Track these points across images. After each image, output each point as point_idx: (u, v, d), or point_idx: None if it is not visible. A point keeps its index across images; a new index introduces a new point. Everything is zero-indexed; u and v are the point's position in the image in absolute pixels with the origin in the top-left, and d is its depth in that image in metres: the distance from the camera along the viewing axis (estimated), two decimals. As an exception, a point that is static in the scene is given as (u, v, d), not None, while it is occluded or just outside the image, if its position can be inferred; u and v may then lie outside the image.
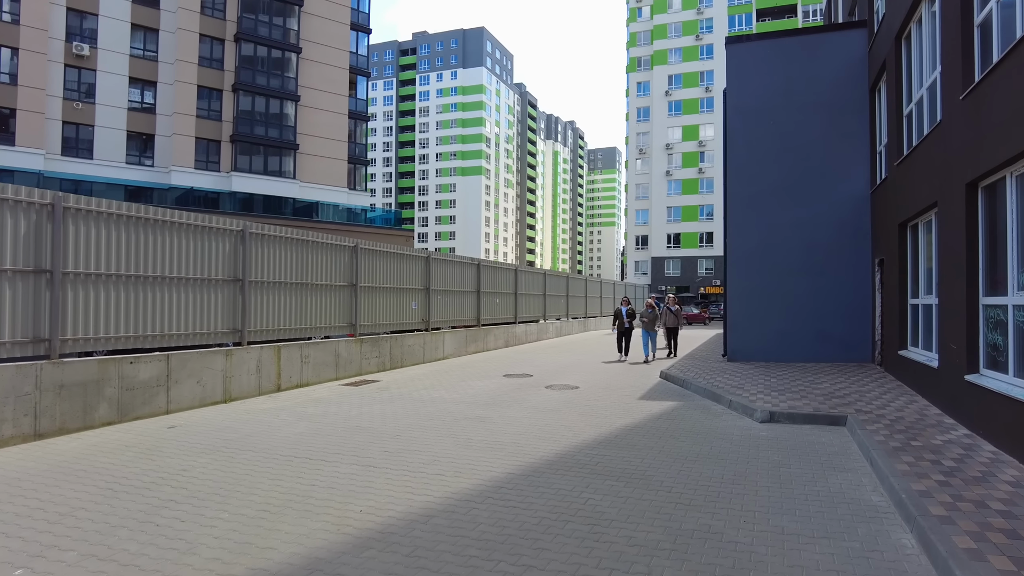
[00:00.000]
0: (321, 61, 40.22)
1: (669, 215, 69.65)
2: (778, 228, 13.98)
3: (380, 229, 40.02)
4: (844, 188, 13.59)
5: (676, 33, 70.77)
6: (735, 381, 11.00)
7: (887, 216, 11.58)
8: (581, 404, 9.66)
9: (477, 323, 18.56)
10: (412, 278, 15.35)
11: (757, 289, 14.07)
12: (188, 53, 35.41)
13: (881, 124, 12.72)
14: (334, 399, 10.14)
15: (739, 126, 14.39)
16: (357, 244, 13.33)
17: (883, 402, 8.74)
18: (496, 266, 20.17)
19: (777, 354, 13.87)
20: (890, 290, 11.37)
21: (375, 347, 13.62)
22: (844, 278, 13.52)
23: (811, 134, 13.88)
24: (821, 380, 10.96)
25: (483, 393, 10.71)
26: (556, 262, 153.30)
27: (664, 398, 10.21)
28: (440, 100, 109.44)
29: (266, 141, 37.88)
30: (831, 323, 13.56)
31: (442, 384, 11.80)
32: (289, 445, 7.03)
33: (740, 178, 14.34)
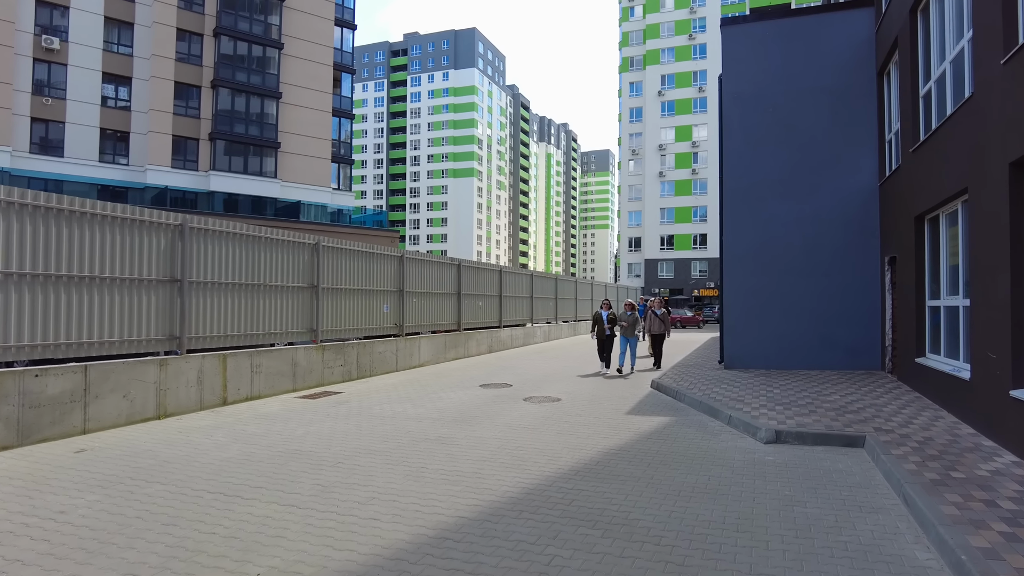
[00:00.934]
0: (304, 57, 39.04)
1: (662, 217, 68.71)
2: (778, 224, 12.91)
3: (365, 230, 38.81)
4: (850, 180, 12.54)
5: (669, 32, 69.93)
6: (734, 392, 9.89)
7: (900, 209, 10.52)
8: (561, 420, 8.54)
9: (458, 327, 17.42)
10: (384, 279, 14.20)
11: (755, 290, 12.99)
12: (165, 48, 34.16)
13: (891, 110, 11.68)
14: (283, 415, 8.98)
15: (735, 114, 13.33)
16: (319, 241, 12.18)
17: (904, 418, 7.65)
18: (479, 267, 19.04)
19: (778, 361, 12.79)
20: (904, 291, 10.30)
21: (340, 355, 12.45)
22: (850, 278, 12.46)
23: (813, 122, 12.82)
24: (829, 391, 9.87)
25: (453, 407, 9.57)
26: (550, 265, 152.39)
27: (655, 412, 9.09)
28: (432, 101, 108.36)
29: (246, 139, 36.65)
30: (836, 327, 12.49)
31: (410, 396, 10.65)
32: (208, 475, 5.88)
33: (736, 170, 13.26)
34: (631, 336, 13.70)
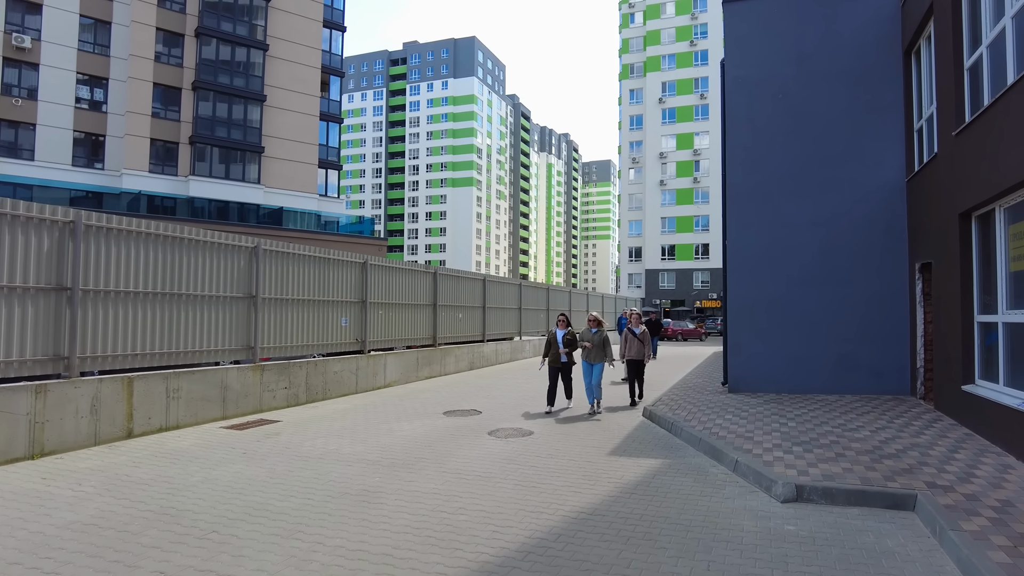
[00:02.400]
0: (290, 59, 37.67)
1: (663, 226, 67.14)
2: (789, 226, 11.26)
3: (352, 238, 37.26)
4: (872, 176, 10.90)
5: (670, 39, 68.67)
6: (740, 426, 8.20)
7: (936, 207, 8.87)
8: (526, 464, 6.86)
9: (433, 342, 15.75)
10: (343, 289, 12.56)
11: (764, 302, 11.32)
12: (143, 48, 32.79)
13: (923, 93, 10.06)
14: (192, 452, 7.34)
15: (740, 102, 11.72)
16: (258, 245, 10.56)
17: (962, 468, 5.95)
18: (459, 275, 17.39)
19: (790, 384, 11.10)
20: (944, 304, 8.63)
21: (283, 376, 10.80)
22: (874, 288, 10.79)
23: (829, 110, 11.21)
24: (855, 424, 8.17)
25: (400, 444, 7.90)
26: (550, 275, 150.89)
27: (645, 452, 7.40)
28: (431, 110, 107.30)
29: (228, 144, 35.19)
30: (858, 345, 10.81)
31: (357, 427, 8.98)
32: (18, 554, 4.23)
33: (742, 165, 11.63)
34: (598, 361, 10.11)
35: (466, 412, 10.25)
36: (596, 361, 10.14)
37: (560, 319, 10.69)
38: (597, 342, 10.19)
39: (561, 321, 10.64)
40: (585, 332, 10.38)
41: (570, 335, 10.32)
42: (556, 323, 10.76)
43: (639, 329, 10.90)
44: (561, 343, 10.29)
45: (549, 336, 10.53)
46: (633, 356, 10.84)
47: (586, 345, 10.18)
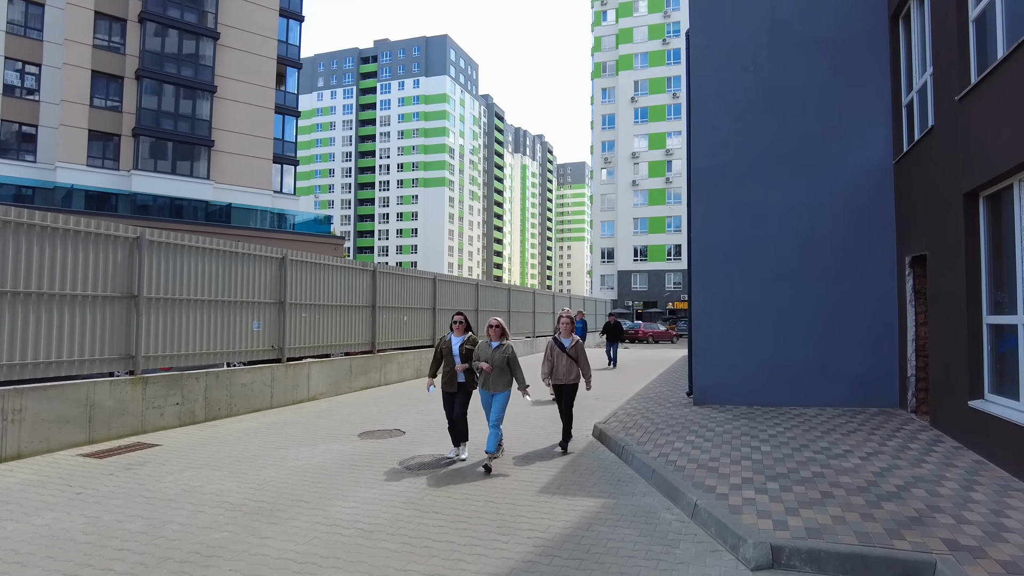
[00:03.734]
0: (243, 49, 35.65)
1: (636, 227, 66.12)
2: (762, 215, 9.91)
3: (309, 236, 35.35)
4: (855, 157, 9.59)
5: (642, 37, 67.76)
6: (705, 451, 6.76)
7: (933, 188, 7.56)
8: (430, 509, 5.32)
9: (372, 348, 14.13)
10: (256, 288, 10.91)
11: (734, 302, 9.95)
12: (80, 33, 30.54)
13: (913, 61, 8.76)
14: (6, 495, 5.66)
15: (707, 75, 10.34)
16: (142, 235, 8.88)
17: (985, 513, 4.56)
18: (404, 274, 15.79)
19: (764, 394, 9.72)
20: (943, 302, 7.30)
21: (175, 389, 9.12)
22: (858, 285, 9.47)
23: (807, 84, 9.89)
24: (842, 448, 6.78)
25: (284, 478, 6.31)
26: (525, 277, 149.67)
27: (583, 488, 5.90)
28: (402, 109, 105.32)
29: (175, 136, 33.07)
30: (840, 350, 9.47)
31: (243, 455, 7.36)
32: None
33: (709, 146, 10.25)
34: (500, 389, 6.90)
35: (387, 433, 8.68)
36: (498, 390, 6.83)
37: (456, 321, 7.28)
38: (499, 362, 6.82)
39: (458, 324, 7.27)
40: (482, 347, 6.95)
41: (470, 344, 7.14)
42: (451, 325, 7.30)
43: (570, 341, 7.59)
44: (458, 356, 7.07)
45: (440, 345, 7.25)
46: (560, 379, 7.51)
47: (482, 367, 6.78)
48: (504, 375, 6.90)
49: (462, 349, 7.10)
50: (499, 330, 7.05)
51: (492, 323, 7.06)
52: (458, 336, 7.25)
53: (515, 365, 6.94)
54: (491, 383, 6.89)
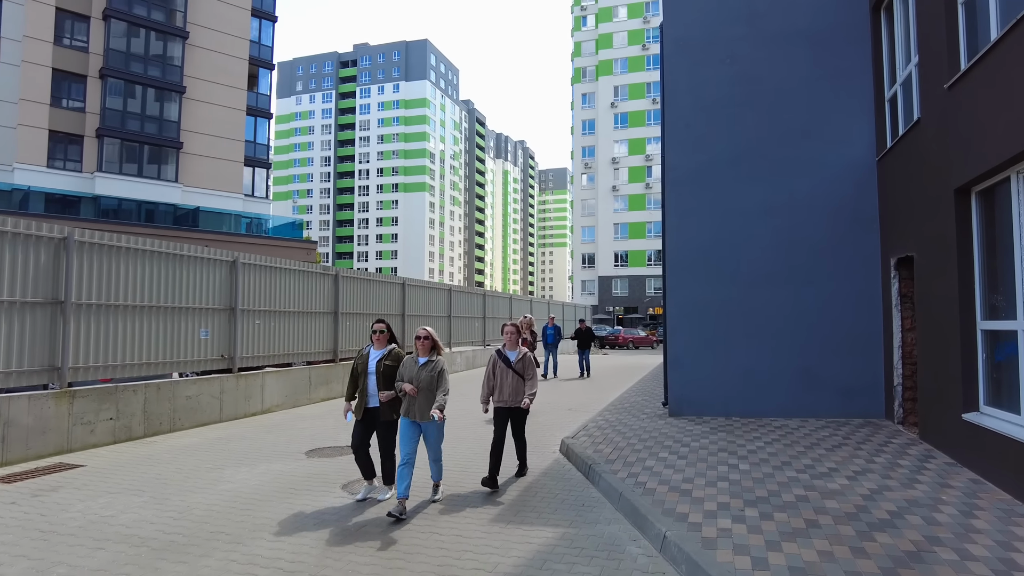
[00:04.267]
0: (214, 49, 34.72)
1: (616, 232, 65.83)
2: (740, 215, 9.40)
3: (281, 241, 34.42)
4: (837, 154, 9.12)
5: (622, 43, 67.67)
6: (678, 469, 6.18)
7: (920, 185, 7.09)
8: (366, 544, 4.66)
9: (334, 357, 13.41)
10: (204, 293, 10.18)
11: (710, 307, 9.41)
12: (40, 29, 29.45)
13: (896, 52, 8.30)
14: None
15: (681, 68, 9.83)
16: (69, 235, 8.13)
17: (991, 545, 4.01)
18: (370, 279, 15.10)
19: (742, 405, 9.18)
20: (932, 307, 6.81)
21: (108, 403, 8.35)
22: (840, 289, 8.98)
23: (786, 77, 9.41)
24: (827, 465, 6.23)
25: (210, 505, 5.62)
26: (507, 283, 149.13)
27: (542, 515, 5.27)
28: (381, 113, 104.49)
29: (141, 138, 32.03)
30: (823, 358, 8.96)
31: (174, 476, 6.65)
32: None
33: (684, 144, 9.73)
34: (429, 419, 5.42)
35: (336, 450, 7.99)
36: (426, 419, 5.39)
37: (377, 331, 5.82)
38: (427, 383, 5.39)
39: (378, 334, 5.81)
40: (408, 364, 5.53)
41: (392, 359, 5.71)
42: (371, 336, 5.89)
43: (516, 353, 6.23)
44: (373, 375, 5.69)
45: (356, 360, 5.89)
46: (506, 401, 6.13)
47: (405, 389, 5.38)
48: (433, 399, 5.39)
49: (380, 366, 5.64)
50: (429, 343, 5.51)
51: (419, 334, 5.52)
52: (378, 349, 5.80)
53: (442, 384, 5.43)
54: (417, 410, 5.38)
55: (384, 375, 5.65)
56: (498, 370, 6.24)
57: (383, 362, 5.71)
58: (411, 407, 5.44)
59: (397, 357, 5.78)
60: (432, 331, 5.60)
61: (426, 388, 5.40)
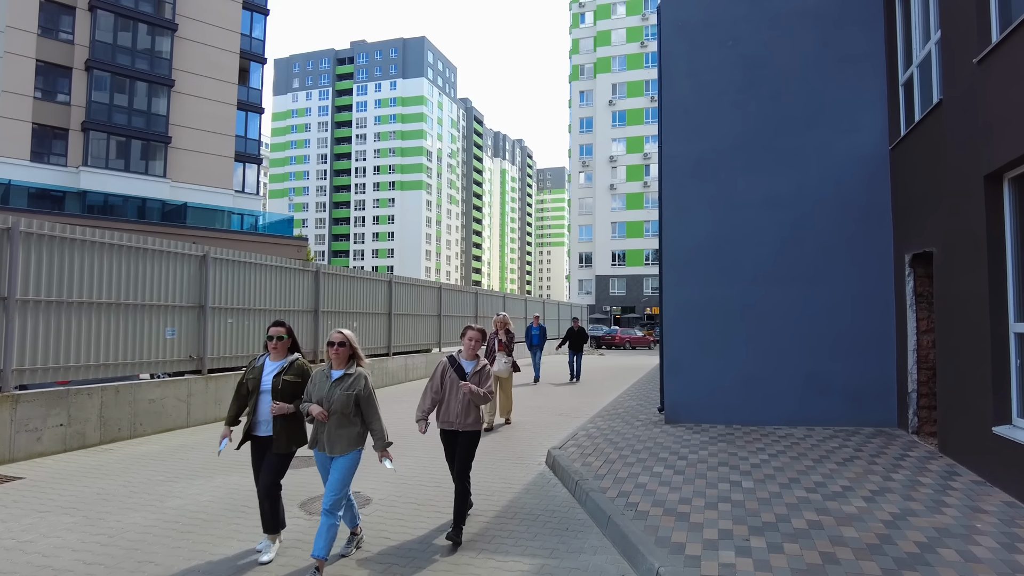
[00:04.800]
0: (203, 42, 34.03)
1: (614, 231, 65.21)
2: (742, 209, 8.77)
3: (270, 237, 33.74)
4: (846, 144, 8.50)
5: (620, 40, 67.04)
6: (674, 487, 5.55)
7: (942, 174, 6.47)
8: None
9: (316, 359, 12.76)
10: (170, 290, 9.53)
11: (710, 306, 8.79)
12: (24, 19, 28.72)
13: (913, 32, 7.67)
14: None
15: (680, 52, 9.20)
16: (13, 226, 7.48)
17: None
18: (353, 276, 14.46)
19: (744, 411, 8.56)
20: (956, 307, 6.19)
21: (57, 408, 7.71)
22: (849, 287, 8.37)
23: (791, 61, 8.79)
24: (840, 483, 5.60)
25: (149, 527, 4.99)
26: (504, 282, 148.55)
27: (519, 544, 4.63)
28: (378, 111, 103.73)
29: (129, 132, 31.33)
30: (830, 361, 8.35)
31: (120, 491, 6.03)
32: None
33: (682, 132, 9.10)
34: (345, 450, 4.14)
35: (303, 460, 7.31)
36: (338, 451, 4.14)
37: (274, 337, 4.42)
38: (341, 405, 4.10)
39: (276, 341, 4.42)
40: (318, 379, 4.22)
41: (295, 374, 4.37)
42: (266, 343, 4.49)
43: (473, 364, 4.96)
44: (268, 394, 4.36)
45: (246, 375, 4.49)
46: (452, 422, 4.86)
47: (312, 413, 4.08)
48: (350, 426, 4.12)
49: (278, 382, 4.29)
50: (345, 351, 4.18)
51: (333, 338, 4.18)
52: (276, 360, 4.43)
53: (369, 408, 4.18)
54: (327, 439, 4.11)
55: (283, 394, 4.27)
56: (447, 381, 4.92)
57: (281, 377, 4.32)
58: (319, 435, 4.15)
59: (301, 371, 4.40)
60: (350, 335, 4.25)
61: (340, 411, 4.09)
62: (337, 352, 4.18)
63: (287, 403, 4.28)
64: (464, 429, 4.86)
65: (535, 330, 16.55)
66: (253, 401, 4.41)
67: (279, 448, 4.34)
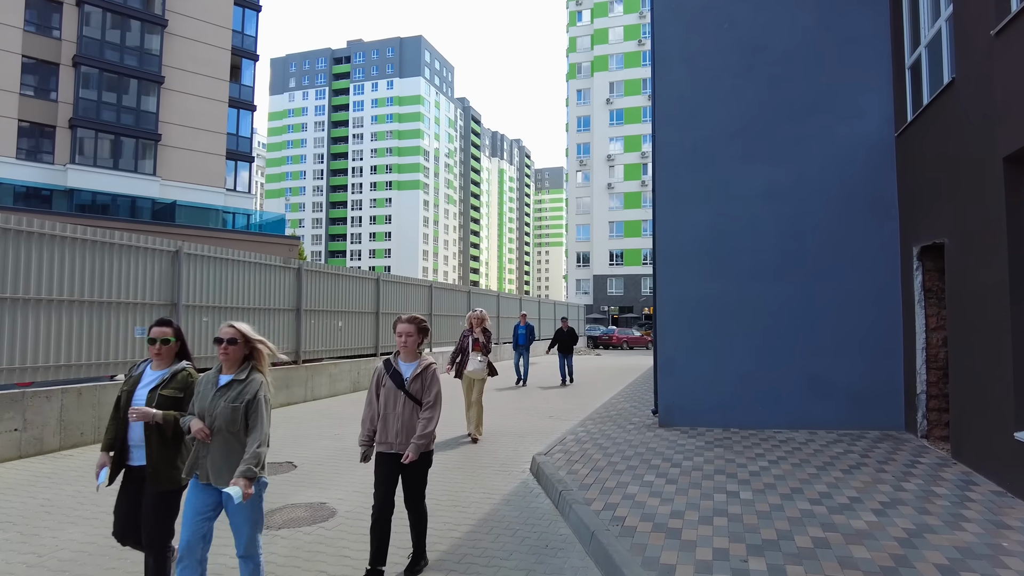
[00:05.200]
0: (193, 38, 33.54)
1: (611, 231, 64.73)
2: (739, 200, 8.32)
3: (263, 236, 33.27)
4: (849, 131, 8.05)
5: (617, 38, 66.57)
6: (666, 498, 5.09)
7: (955, 158, 6.03)
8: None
9: (297, 359, 12.29)
10: (142, 287, 9.07)
11: (705, 303, 8.33)
12: (10, 14, 28.20)
13: (920, 7, 7.21)
14: None
15: (674, 35, 8.74)
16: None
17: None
18: (337, 274, 13.98)
19: (742, 414, 8.10)
20: (969, 303, 5.74)
21: (11, 412, 7.25)
22: (853, 282, 7.91)
23: (791, 44, 8.34)
24: (846, 493, 5.14)
25: (88, 544, 4.55)
26: (502, 282, 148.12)
27: (491, 564, 4.15)
28: (375, 110, 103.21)
29: (117, 129, 30.83)
30: (832, 361, 7.89)
31: (62, 504, 5.56)
32: None
33: (676, 119, 8.64)
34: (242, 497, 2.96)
35: (274, 467, 6.88)
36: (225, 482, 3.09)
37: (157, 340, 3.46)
38: (225, 419, 3.12)
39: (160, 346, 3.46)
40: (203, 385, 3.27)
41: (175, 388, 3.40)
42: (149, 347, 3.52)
43: (413, 367, 3.95)
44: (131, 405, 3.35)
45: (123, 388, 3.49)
46: (391, 444, 3.87)
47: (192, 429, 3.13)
48: (240, 448, 3.15)
49: (153, 398, 3.32)
50: (237, 351, 3.23)
51: (221, 334, 3.24)
52: (158, 368, 3.48)
53: (255, 419, 3.15)
54: (211, 466, 3.14)
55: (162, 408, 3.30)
56: (383, 392, 3.89)
57: (159, 391, 3.33)
58: (200, 460, 3.17)
59: (185, 384, 3.40)
60: (245, 329, 3.26)
61: (225, 428, 3.11)
62: (226, 352, 3.19)
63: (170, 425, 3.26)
64: (411, 457, 3.74)
65: (522, 329, 15.65)
66: (118, 429, 3.39)
67: (157, 483, 3.25)
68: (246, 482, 2.97)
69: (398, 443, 3.83)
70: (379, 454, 3.90)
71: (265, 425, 3.19)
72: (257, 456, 3.06)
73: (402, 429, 3.83)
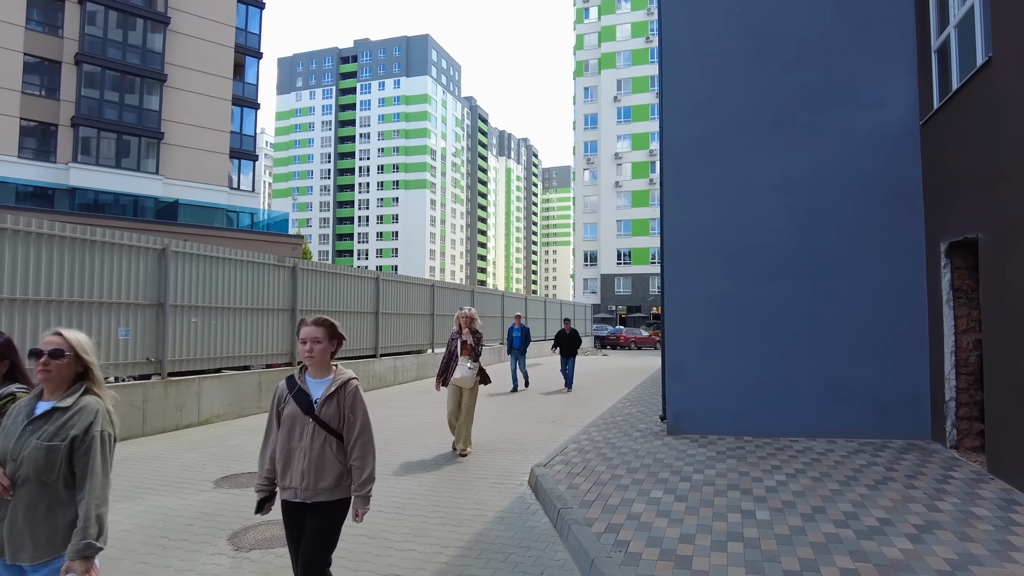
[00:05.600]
0: (197, 36, 33.29)
1: (619, 229, 64.14)
2: (752, 194, 7.84)
3: (266, 235, 32.96)
4: (869, 120, 7.56)
5: (625, 35, 65.99)
6: (674, 518, 4.63)
7: (990, 146, 5.53)
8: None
9: (292, 360, 11.91)
10: (126, 286, 8.70)
11: (716, 303, 7.86)
12: (11, 12, 28.02)
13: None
14: None
15: (682, 20, 8.27)
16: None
17: None
18: (334, 273, 13.59)
19: (755, 421, 7.63)
20: (1007, 303, 5.25)
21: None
22: (874, 281, 7.42)
23: (806, 27, 7.85)
24: (874, 514, 4.67)
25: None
26: (510, 281, 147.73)
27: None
28: (382, 110, 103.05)
29: (120, 128, 30.61)
30: (852, 364, 7.40)
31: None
32: None
33: (685, 109, 8.17)
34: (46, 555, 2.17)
35: (252, 478, 6.48)
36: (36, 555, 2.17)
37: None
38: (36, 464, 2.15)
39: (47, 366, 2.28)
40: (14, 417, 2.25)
41: None
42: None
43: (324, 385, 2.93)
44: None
45: None
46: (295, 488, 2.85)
47: None
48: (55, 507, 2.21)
49: None
50: (63, 366, 2.27)
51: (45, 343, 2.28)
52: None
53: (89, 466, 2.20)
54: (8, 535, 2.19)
55: None
56: (288, 421, 2.90)
57: None
58: None
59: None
60: (76, 339, 2.33)
61: (35, 477, 2.18)
62: (46, 368, 2.24)
63: None
64: (318, 500, 2.83)
65: (516, 331, 14.89)
66: None
67: None
68: (83, 564, 2.09)
69: (303, 488, 2.81)
70: (284, 503, 2.91)
71: (102, 474, 2.21)
72: (95, 522, 2.15)
73: (309, 469, 2.80)
